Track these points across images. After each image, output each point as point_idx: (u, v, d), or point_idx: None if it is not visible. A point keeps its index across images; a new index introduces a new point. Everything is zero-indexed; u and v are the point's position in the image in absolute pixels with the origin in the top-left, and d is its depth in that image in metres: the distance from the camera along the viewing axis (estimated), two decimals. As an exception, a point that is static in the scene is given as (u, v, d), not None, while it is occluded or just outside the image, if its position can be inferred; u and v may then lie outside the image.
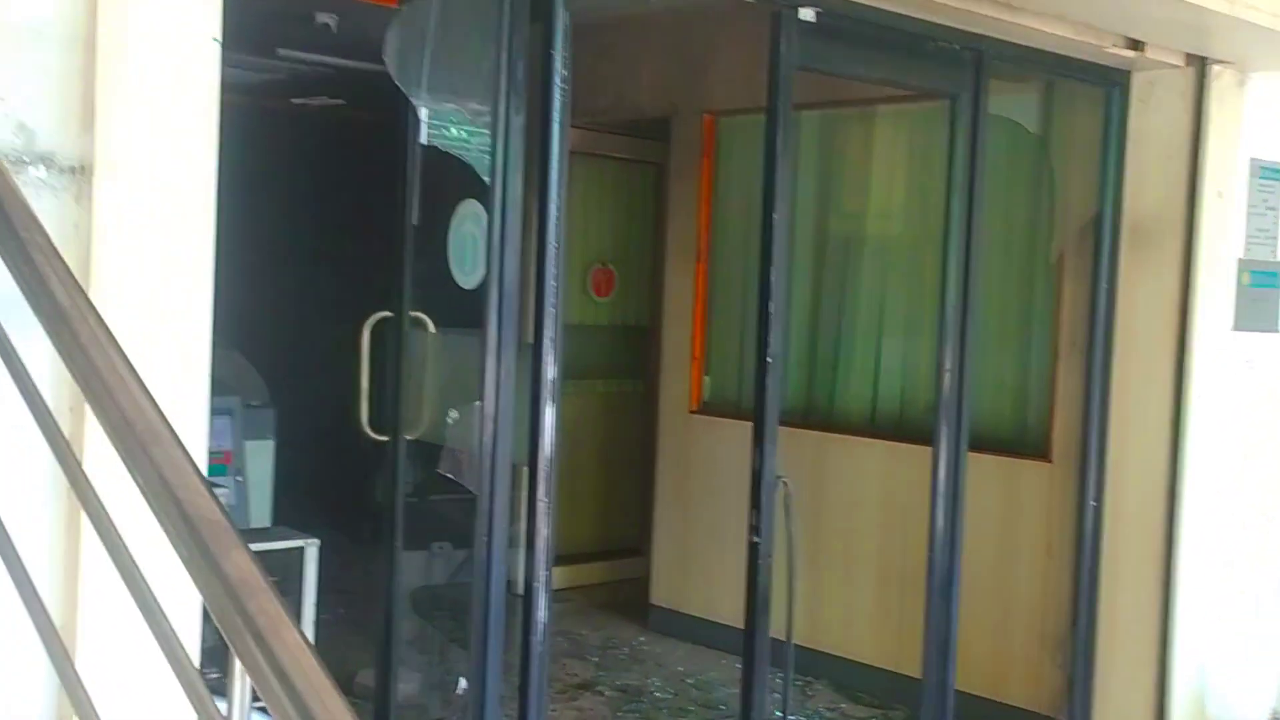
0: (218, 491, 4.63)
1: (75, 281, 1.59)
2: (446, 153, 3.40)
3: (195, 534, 1.29)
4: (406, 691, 4.94)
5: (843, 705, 5.62)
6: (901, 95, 5.39)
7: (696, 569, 6.30)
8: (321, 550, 5.24)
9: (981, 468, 5.23)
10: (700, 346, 6.38)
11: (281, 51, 6.95)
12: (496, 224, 3.16)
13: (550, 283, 3.23)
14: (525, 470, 3.30)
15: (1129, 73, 4.71)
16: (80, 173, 2.28)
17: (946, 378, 4.37)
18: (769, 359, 3.87)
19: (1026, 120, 5.12)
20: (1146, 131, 4.74)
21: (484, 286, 3.20)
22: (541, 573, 3.28)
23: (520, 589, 6.71)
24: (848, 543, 5.77)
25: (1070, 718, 4.86)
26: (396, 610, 3.94)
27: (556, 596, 6.85)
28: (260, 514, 6.13)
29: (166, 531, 1.33)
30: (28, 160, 2.24)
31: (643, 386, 7.29)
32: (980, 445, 5.27)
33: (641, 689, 5.70)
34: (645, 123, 6.72)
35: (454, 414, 3.32)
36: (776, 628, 5.89)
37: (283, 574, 5.11)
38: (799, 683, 5.78)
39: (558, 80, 3.21)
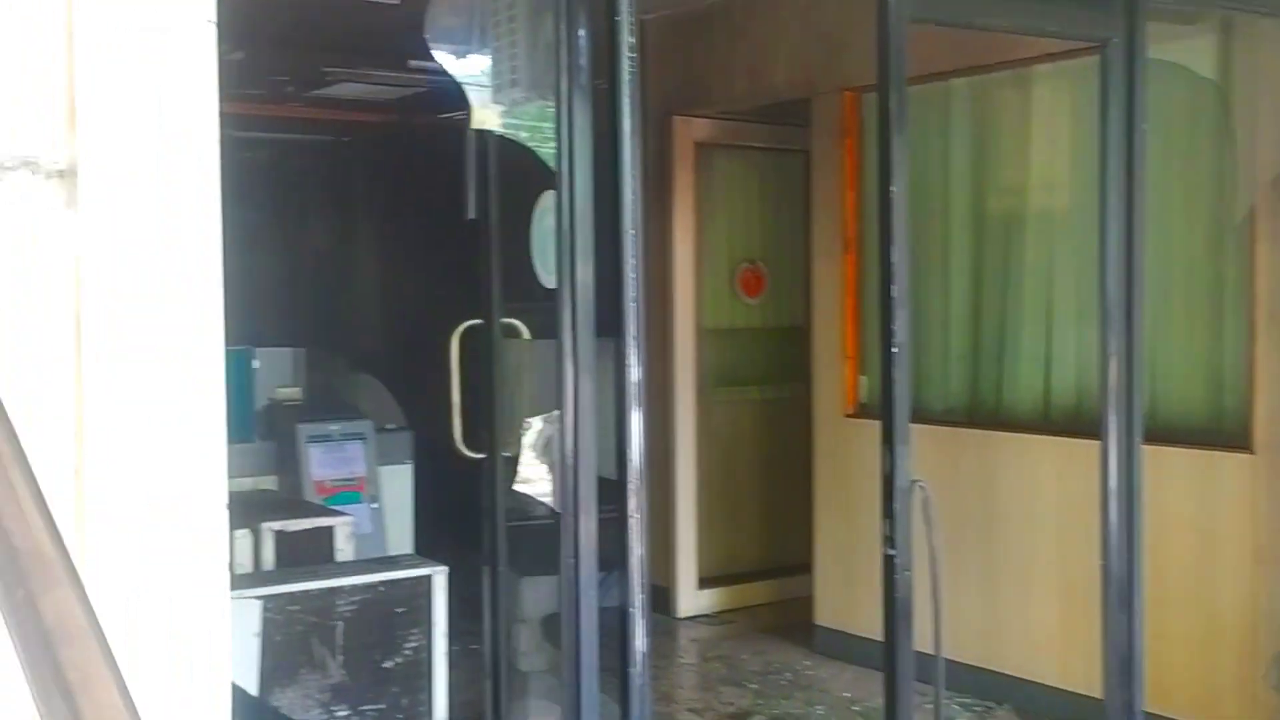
0: (350, 518, 4.58)
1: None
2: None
3: (14, 566, 1.11)
4: (540, 729, 4.80)
5: (1028, 733, 5.24)
6: (1061, 49, 4.99)
7: (862, 586, 5.96)
8: (461, 577, 5.08)
9: (1171, 463, 4.79)
10: (854, 344, 6.07)
11: (413, 63, 6.94)
12: (565, 213, 2.96)
13: (629, 274, 3.01)
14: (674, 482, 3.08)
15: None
16: (67, 176, 2.16)
17: (1112, 363, 3.96)
18: (894, 349, 3.55)
19: (1200, 65, 4.66)
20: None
21: (558, 283, 3.00)
22: (636, 596, 3.05)
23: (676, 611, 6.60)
24: (1025, 552, 5.37)
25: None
26: (499, 641, 3.77)
27: (718, 619, 6.77)
28: (399, 540, 6.11)
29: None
30: (9, 165, 2.13)
31: (802, 391, 7.01)
32: (1169, 438, 4.83)
33: (802, 718, 5.41)
34: (785, 106, 6.44)
35: (529, 425, 3.12)
36: (954, 649, 5.59)
37: (410, 603, 5.02)
38: (979, 708, 5.43)
39: (625, 50, 3.00)
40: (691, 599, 6.85)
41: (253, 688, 4.64)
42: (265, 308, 10.08)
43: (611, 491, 3.06)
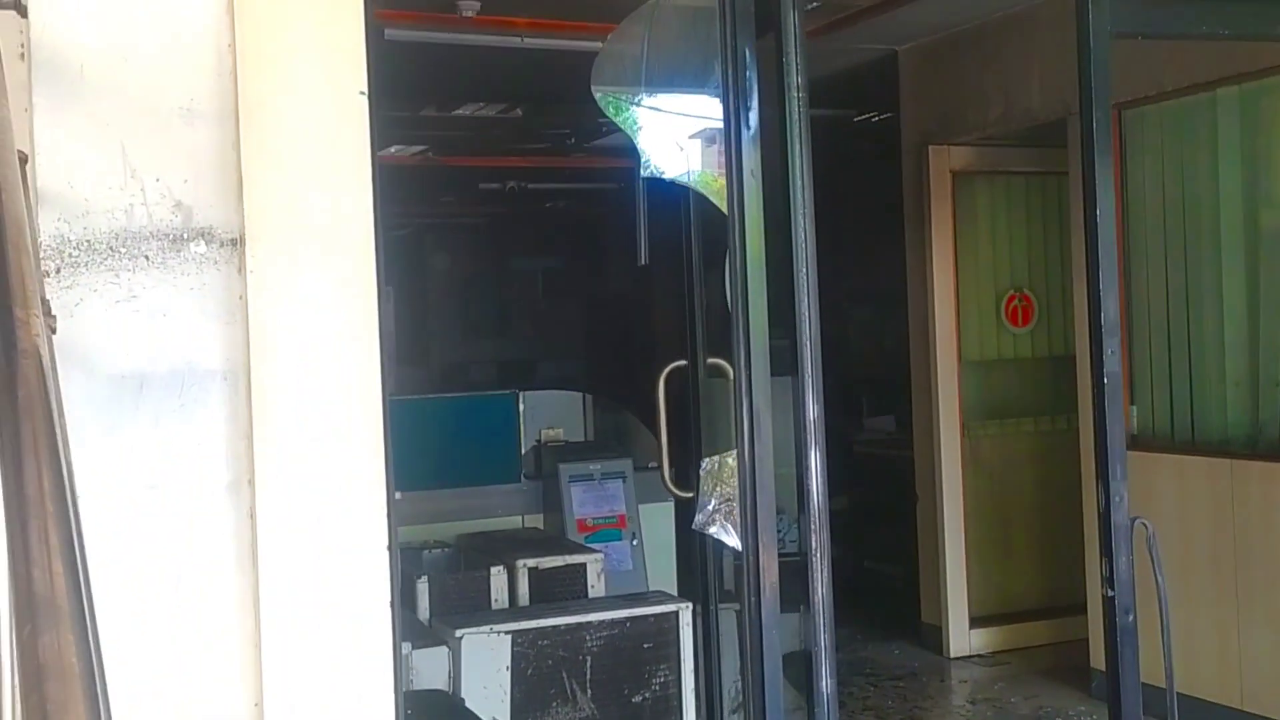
0: (601, 555, 4.78)
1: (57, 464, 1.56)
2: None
3: (29, 607, 1.27)
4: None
5: (1321, 794, 4.85)
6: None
7: (1140, 628, 5.70)
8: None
9: None
10: (1125, 374, 5.81)
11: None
12: (738, 254, 3.01)
13: (805, 315, 3.03)
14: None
15: None
16: (240, 244, 2.39)
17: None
18: (1105, 379, 3.42)
19: None
20: None
21: (733, 323, 3.05)
22: (821, 636, 3.05)
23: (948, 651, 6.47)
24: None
25: None
26: (713, 680, 3.83)
27: (991, 660, 6.60)
28: (661, 577, 6.24)
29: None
30: (187, 237, 2.38)
31: (1076, 422, 6.75)
32: None
33: (1068, 766, 5.21)
34: (1043, 129, 6.26)
35: (707, 463, 3.17)
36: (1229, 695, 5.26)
37: (657, 639, 5.13)
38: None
39: (795, 95, 3.03)
40: (963, 639, 6.70)
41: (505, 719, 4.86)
42: (542, 351, 10.53)
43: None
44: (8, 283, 1.67)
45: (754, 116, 3.03)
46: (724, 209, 3.10)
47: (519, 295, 11.15)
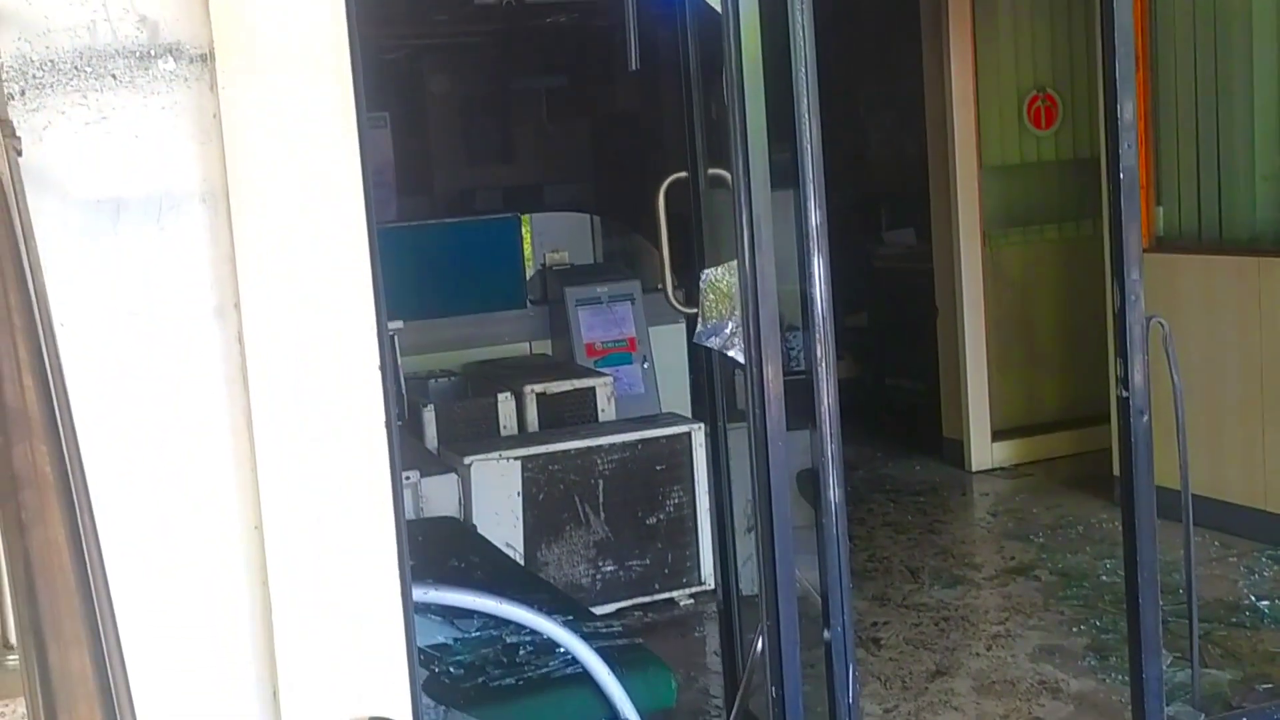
0: (610, 378, 4.84)
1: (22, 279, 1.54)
2: None
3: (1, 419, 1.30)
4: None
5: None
6: None
7: (1163, 435, 5.77)
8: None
9: None
10: (1149, 174, 5.77)
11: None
12: (732, 53, 2.98)
13: (804, 115, 3.01)
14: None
15: None
16: (210, 59, 2.37)
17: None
18: (1121, 174, 3.41)
19: None
20: None
21: (731, 131, 3.03)
22: (828, 448, 3.11)
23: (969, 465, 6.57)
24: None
25: None
26: (725, 497, 3.92)
27: (1014, 473, 6.72)
28: (675, 400, 6.32)
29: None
30: (154, 54, 2.35)
31: (1102, 227, 6.73)
32: None
33: (1087, 572, 5.34)
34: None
35: (707, 276, 3.19)
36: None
37: (669, 460, 5.24)
38: (1258, 553, 5.25)
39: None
40: (985, 452, 6.81)
41: (518, 545, 4.99)
42: (547, 173, 10.46)
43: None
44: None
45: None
46: (715, 4, 3.05)
47: (522, 117, 11.03)
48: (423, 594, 3.06)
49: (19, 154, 1.98)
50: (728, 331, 3.19)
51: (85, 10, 2.28)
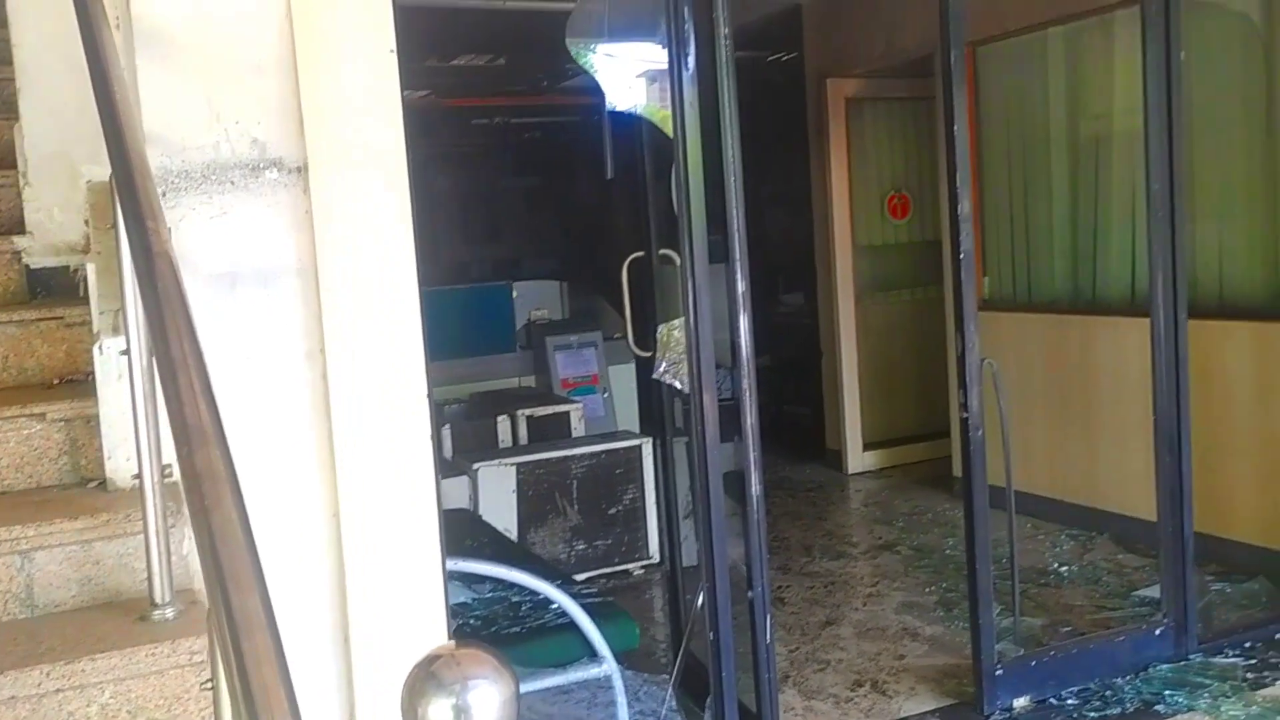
0: (582, 405, 4.88)
1: (191, 329, 1.53)
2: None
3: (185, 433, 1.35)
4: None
5: (1120, 556, 5.12)
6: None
7: (989, 443, 5.92)
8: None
9: (1237, 334, 4.59)
10: (978, 252, 5.94)
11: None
12: (681, 167, 3.10)
13: (734, 214, 3.13)
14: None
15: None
16: (304, 170, 2.45)
17: (1157, 253, 3.83)
18: (961, 255, 3.55)
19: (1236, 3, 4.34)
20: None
21: (679, 221, 3.14)
22: (750, 455, 3.21)
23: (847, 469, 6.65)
24: (1120, 412, 5.22)
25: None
26: (671, 494, 4.00)
27: (879, 475, 6.82)
28: (627, 421, 6.39)
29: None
30: (263, 166, 2.43)
31: (942, 291, 6.90)
32: (1234, 313, 4.63)
33: (936, 547, 5.46)
34: (916, 63, 6.28)
35: (662, 329, 3.29)
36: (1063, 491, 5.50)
37: (626, 466, 5.31)
38: (1083, 538, 5.35)
39: (721, 39, 3.09)
40: (858, 459, 6.93)
41: (514, 530, 5.04)
42: (530, 252, 10.54)
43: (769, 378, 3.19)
44: (138, 202, 1.75)
45: (691, 60, 3.09)
46: (668, 133, 3.17)
47: (506, 207, 11.11)
48: (453, 564, 3.12)
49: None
50: (676, 369, 3.29)
51: (212, 134, 2.35)
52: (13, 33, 2.74)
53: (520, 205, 11.10)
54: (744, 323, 3.17)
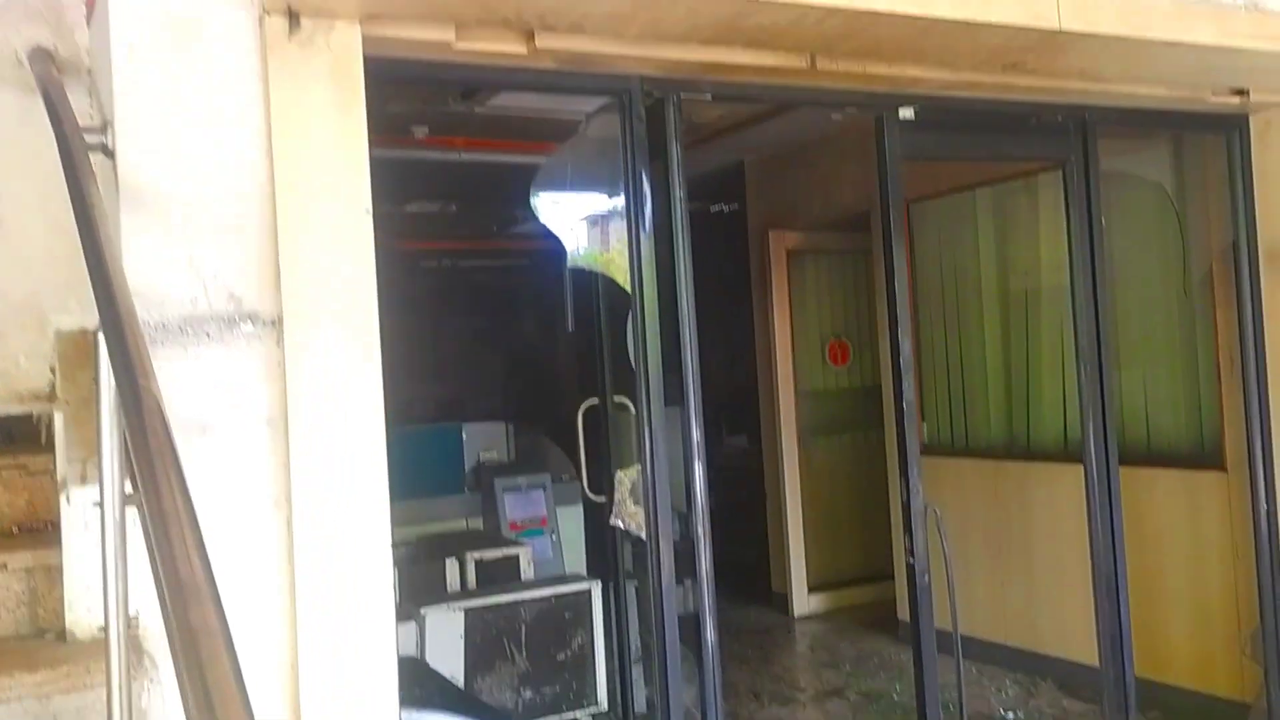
0: (530, 548, 4.87)
1: (183, 483, 1.59)
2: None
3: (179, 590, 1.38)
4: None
5: (1064, 702, 5.16)
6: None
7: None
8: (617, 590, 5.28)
9: (1164, 482, 4.77)
10: (918, 398, 6.13)
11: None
12: (638, 319, 3.22)
13: (688, 363, 3.25)
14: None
15: (1245, 116, 4.22)
16: (277, 324, 2.53)
17: (1088, 404, 4.01)
18: (905, 404, 3.69)
19: (1157, 169, 4.68)
20: (1270, 165, 4.22)
21: (636, 372, 3.25)
22: (705, 600, 3.25)
23: (793, 612, 6.65)
24: (1058, 557, 5.35)
25: (1268, 703, 4.26)
26: (625, 636, 3.99)
27: (826, 618, 6.83)
28: (575, 563, 6.37)
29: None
30: (239, 319, 2.50)
31: (883, 435, 7.07)
32: (1161, 462, 4.81)
33: (883, 692, 5.46)
34: (853, 218, 6.60)
35: (619, 475, 3.37)
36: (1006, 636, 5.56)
37: (575, 610, 5.28)
38: (1025, 683, 5.39)
39: (677, 201, 3.26)
40: (804, 602, 6.95)
41: (461, 677, 4.96)
42: (475, 392, 10.62)
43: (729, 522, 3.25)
44: (130, 359, 1.81)
45: (649, 221, 3.24)
46: (611, 277, 3.30)
47: (453, 347, 11.22)
48: (405, 716, 3.08)
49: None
50: (632, 515, 3.35)
51: (191, 289, 2.43)
52: (-8, 185, 2.82)
53: (466, 345, 11.24)
54: (699, 469, 3.25)
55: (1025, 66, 3.38)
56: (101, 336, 1.88)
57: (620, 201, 3.26)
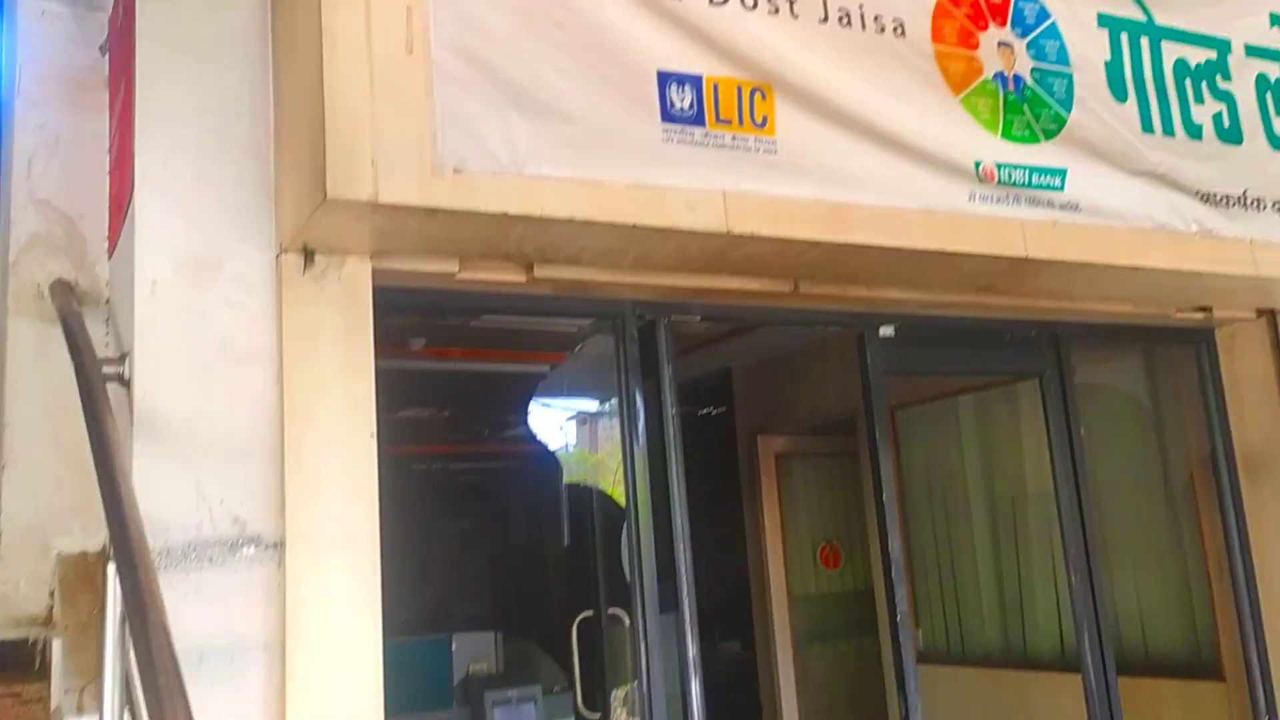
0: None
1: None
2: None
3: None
4: None
5: None
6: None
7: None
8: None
9: (1165, 693, 4.71)
10: (911, 604, 6.10)
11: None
12: (632, 532, 3.27)
13: (682, 575, 3.28)
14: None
15: (1211, 329, 4.42)
16: (279, 547, 2.57)
17: (1082, 612, 4.02)
18: (898, 618, 3.70)
19: (1132, 381, 4.84)
20: (1239, 376, 4.39)
21: (630, 583, 3.27)
22: (703, 827, 3.17)
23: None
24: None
25: None
26: None
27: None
28: (565, 782, 6.16)
29: None
30: (241, 543, 2.55)
31: (879, 642, 6.97)
32: (1161, 670, 4.77)
33: None
34: (840, 422, 6.72)
35: (615, 693, 3.34)
36: None
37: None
38: None
39: (670, 419, 3.37)
40: (803, 820, 6.69)
41: None
42: (465, 598, 10.48)
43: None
44: (140, 589, 1.85)
45: (642, 435, 3.34)
46: (619, 501, 3.36)
47: (440, 551, 11.13)
48: None
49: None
50: (628, 736, 3.30)
51: (197, 514, 2.48)
52: (5, 412, 2.91)
53: (456, 549, 11.15)
54: (695, 686, 3.23)
55: (997, 288, 3.57)
56: (112, 569, 1.92)
57: (611, 407, 3.36)
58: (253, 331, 2.59)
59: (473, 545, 11.17)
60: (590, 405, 3.66)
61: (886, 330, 3.79)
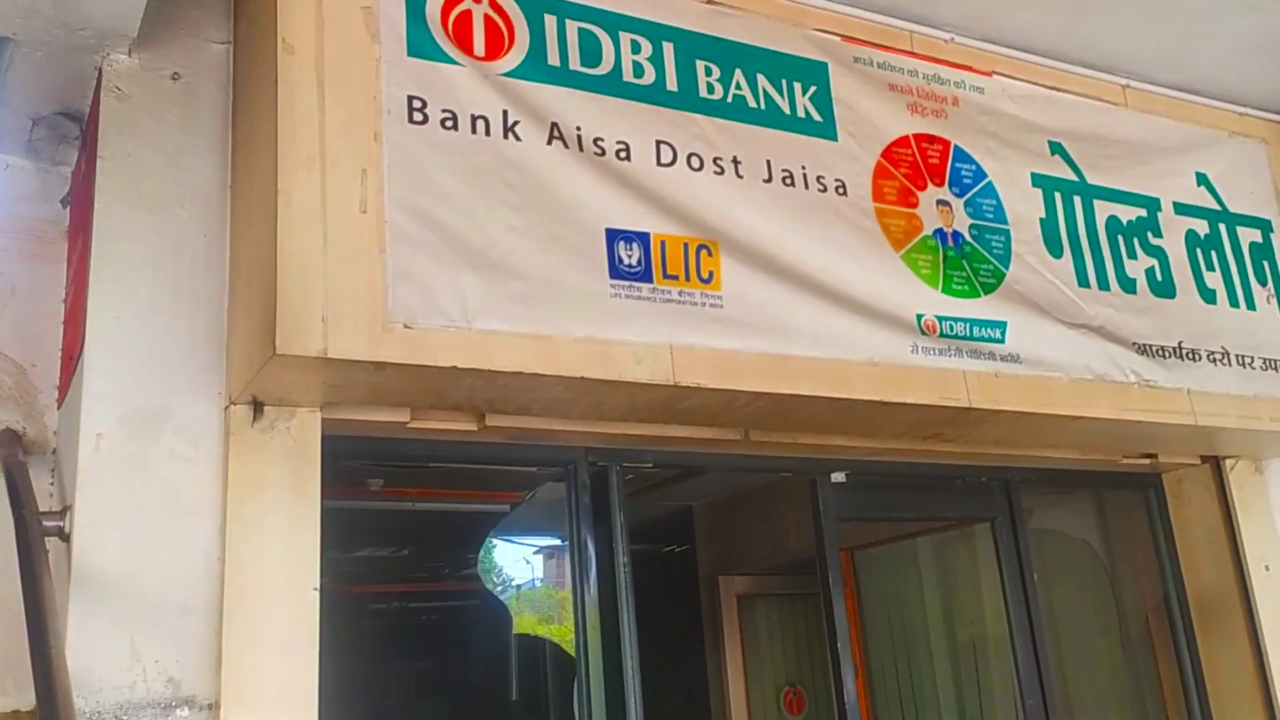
0: None
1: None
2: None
3: None
4: None
5: None
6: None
7: None
8: None
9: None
10: (873, 743, 6.01)
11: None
12: (582, 683, 3.23)
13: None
14: None
15: (1158, 474, 4.49)
16: (214, 709, 2.52)
17: (1041, 766, 3.97)
18: (854, 770, 3.63)
19: (1083, 526, 4.89)
20: (1187, 520, 4.44)
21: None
22: None
23: None
24: None
25: None
26: None
27: None
28: None
29: None
30: (175, 704, 2.50)
31: (845, 791, 6.81)
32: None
33: None
34: (801, 563, 6.70)
35: None
36: None
37: None
38: None
39: (621, 566, 3.36)
40: None
41: None
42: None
43: None
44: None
45: (594, 584, 3.32)
46: (569, 650, 3.32)
47: (396, 691, 10.84)
48: None
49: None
50: None
51: (130, 675, 2.44)
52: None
53: (411, 689, 10.86)
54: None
55: (945, 436, 3.63)
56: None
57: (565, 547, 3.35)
58: (197, 484, 2.59)
59: (428, 685, 10.91)
60: (554, 541, 3.64)
61: (838, 476, 3.83)
